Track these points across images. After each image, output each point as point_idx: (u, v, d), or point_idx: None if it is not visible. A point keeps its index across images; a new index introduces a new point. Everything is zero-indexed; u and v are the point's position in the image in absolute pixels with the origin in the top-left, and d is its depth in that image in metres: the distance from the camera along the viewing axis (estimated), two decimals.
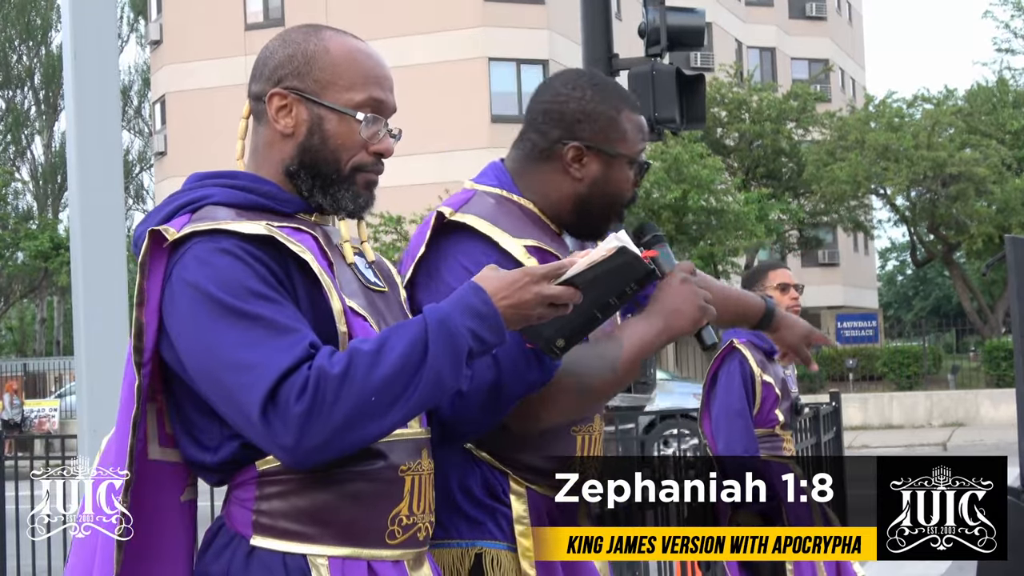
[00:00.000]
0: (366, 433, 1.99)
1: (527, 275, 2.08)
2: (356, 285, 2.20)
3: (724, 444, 5.15)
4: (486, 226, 2.60)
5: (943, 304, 58.24)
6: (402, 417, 2.01)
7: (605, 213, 2.72)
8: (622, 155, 2.69)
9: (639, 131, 2.73)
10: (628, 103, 2.73)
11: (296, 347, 1.98)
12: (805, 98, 33.31)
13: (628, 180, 2.71)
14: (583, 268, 2.10)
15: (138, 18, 49.57)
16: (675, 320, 2.57)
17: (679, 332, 2.58)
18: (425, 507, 2.19)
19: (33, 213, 46.64)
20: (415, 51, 30.91)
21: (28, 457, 10.49)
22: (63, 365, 33.67)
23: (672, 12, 9.26)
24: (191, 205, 2.14)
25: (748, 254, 30.29)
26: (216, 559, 2.10)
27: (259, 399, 1.95)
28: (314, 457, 1.99)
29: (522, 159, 2.73)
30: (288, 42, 2.22)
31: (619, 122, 2.69)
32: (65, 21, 4.82)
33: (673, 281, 2.60)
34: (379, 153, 2.20)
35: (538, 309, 2.08)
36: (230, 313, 1.99)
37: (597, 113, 2.68)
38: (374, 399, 1.97)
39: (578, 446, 2.75)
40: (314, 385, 1.95)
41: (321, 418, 1.95)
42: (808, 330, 3.31)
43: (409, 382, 1.98)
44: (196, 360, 2.02)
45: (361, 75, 2.19)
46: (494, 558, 2.63)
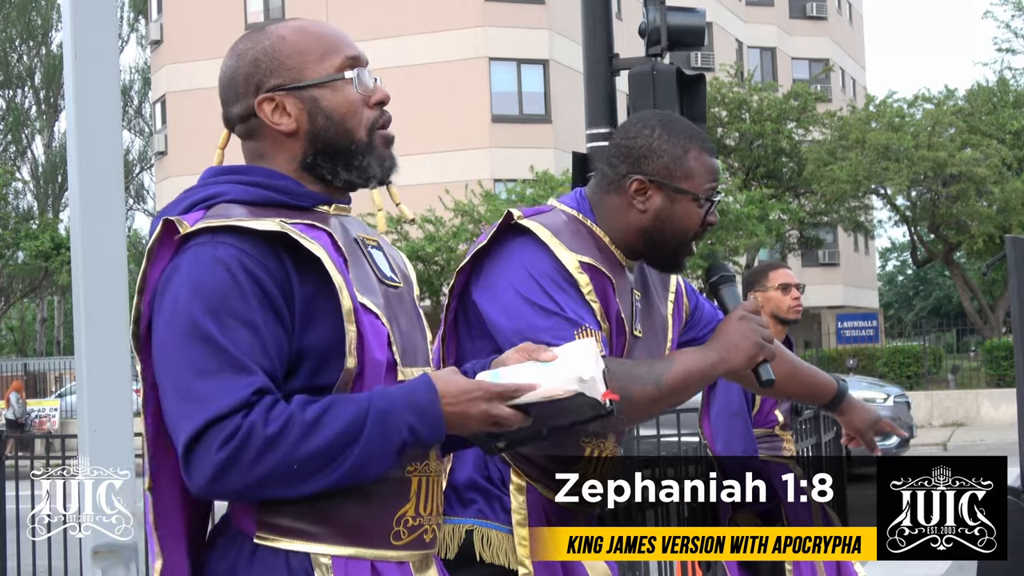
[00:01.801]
0: (282, 493, 2.00)
1: (481, 389, 2.05)
2: (372, 281, 2.19)
3: (723, 444, 5.15)
4: (547, 235, 2.72)
5: (943, 304, 58.24)
6: (322, 488, 2.01)
7: (673, 246, 2.82)
8: (685, 192, 2.78)
9: (707, 171, 2.82)
10: (697, 143, 2.82)
11: (242, 390, 1.98)
12: (805, 98, 33.30)
13: (694, 216, 2.80)
14: (538, 399, 2.06)
15: (138, 18, 49.58)
16: (731, 354, 2.67)
17: (734, 366, 2.68)
18: (432, 509, 2.18)
19: (33, 213, 46.65)
20: (415, 51, 30.91)
21: (28, 457, 10.49)
22: (63, 365, 33.69)
23: (672, 12, 9.26)
24: (206, 202, 2.13)
25: (748, 254, 30.29)
26: (220, 557, 2.10)
27: (187, 435, 1.97)
28: (224, 499, 2.03)
29: (596, 189, 2.87)
30: (242, 53, 2.21)
31: (684, 160, 2.79)
32: (65, 21, 4.81)
33: (734, 317, 2.70)
34: (380, 102, 2.20)
35: (480, 425, 2.07)
36: (196, 333, 1.99)
37: (663, 150, 2.79)
38: (296, 467, 1.98)
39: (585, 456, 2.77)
40: (241, 438, 1.95)
41: (238, 471, 1.96)
42: (877, 418, 3.40)
43: (333, 460, 1.99)
44: (159, 363, 2.05)
45: (325, 43, 2.19)
46: (484, 536, 2.66)
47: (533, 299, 2.65)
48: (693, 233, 2.81)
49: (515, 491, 2.69)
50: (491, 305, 2.69)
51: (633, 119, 2.89)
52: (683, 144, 2.79)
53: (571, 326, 2.61)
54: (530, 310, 2.63)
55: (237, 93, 2.20)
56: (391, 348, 2.13)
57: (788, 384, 3.18)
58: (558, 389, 2.06)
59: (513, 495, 2.68)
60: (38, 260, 34.65)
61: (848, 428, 3.40)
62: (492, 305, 2.69)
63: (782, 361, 3.10)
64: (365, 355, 2.09)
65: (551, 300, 2.65)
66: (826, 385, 3.32)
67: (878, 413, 3.40)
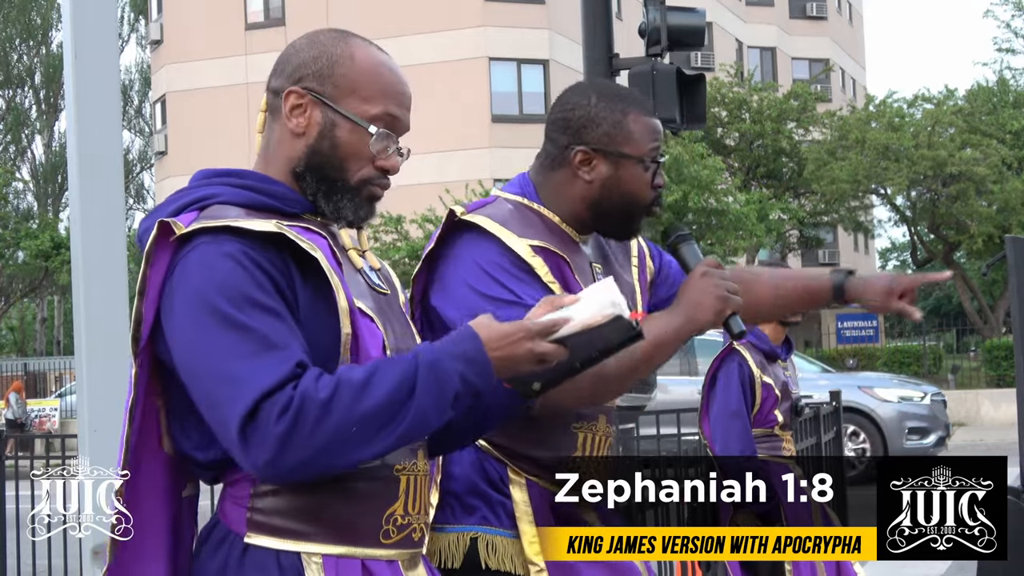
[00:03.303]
0: (342, 461, 1.99)
1: (523, 330, 2.08)
2: (364, 287, 2.20)
3: (721, 445, 5.16)
4: (494, 225, 2.68)
5: (943, 304, 58.23)
6: (381, 450, 2.00)
7: (622, 213, 2.79)
8: (629, 156, 2.75)
9: (648, 132, 2.79)
10: (636, 106, 2.79)
11: (284, 365, 1.98)
12: (805, 98, 33.31)
13: (641, 180, 2.77)
14: (577, 329, 2.11)
15: (138, 18, 49.57)
16: (698, 313, 2.64)
17: (703, 324, 2.65)
18: (420, 508, 2.19)
19: (33, 213, 46.65)
20: (415, 51, 30.89)
21: (28, 457, 10.49)
22: (63, 365, 33.67)
23: (672, 12, 9.26)
24: (199, 203, 2.13)
25: (748, 254, 30.28)
26: (211, 557, 2.10)
27: (240, 415, 1.95)
28: (287, 477, 2.00)
29: (540, 169, 2.83)
30: (315, 43, 2.21)
31: (624, 124, 2.76)
32: (65, 21, 4.82)
33: (696, 275, 2.67)
34: (385, 169, 2.20)
35: (527, 365, 2.09)
36: (224, 321, 1.99)
37: (601, 118, 2.76)
38: (355, 430, 1.97)
39: (579, 444, 2.76)
40: (297, 407, 1.94)
41: (300, 441, 1.95)
42: (887, 285, 2.94)
43: (393, 418, 1.98)
44: (187, 362, 2.02)
45: (381, 89, 2.19)
46: (489, 543, 2.65)
47: (489, 293, 2.63)
48: (643, 198, 2.77)
49: (516, 489, 2.68)
50: (448, 306, 2.67)
51: (568, 91, 2.85)
52: (621, 108, 2.76)
53: None
54: (487, 304, 2.59)
55: (284, 70, 2.21)
56: (386, 351, 2.15)
57: (778, 303, 3.03)
58: (596, 315, 2.12)
59: (514, 493, 2.68)
60: (38, 260, 34.66)
61: (870, 308, 3.00)
62: (449, 305, 2.67)
63: (763, 284, 2.98)
64: (360, 356, 2.10)
65: (507, 290, 2.63)
66: (819, 284, 3.02)
67: (889, 278, 2.94)
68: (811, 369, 16.67)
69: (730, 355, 5.30)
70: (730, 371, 5.25)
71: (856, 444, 15.32)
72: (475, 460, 2.69)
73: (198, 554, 2.13)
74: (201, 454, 2.11)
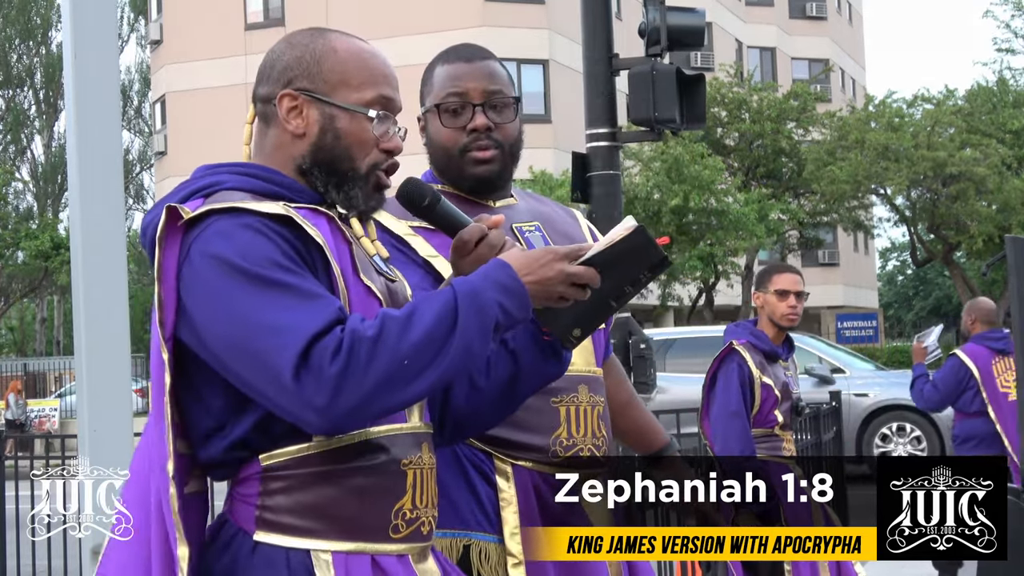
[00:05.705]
0: (398, 398, 1.99)
1: (550, 252, 2.11)
2: (372, 271, 2.22)
3: (721, 445, 5.16)
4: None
5: (943, 304, 58.23)
6: (432, 384, 2.00)
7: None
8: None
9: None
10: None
11: (326, 310, 1.98)
12: (805, 98, 33.29)
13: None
14: (603, 247, 2.14)
15: (138, 18, 49.56)
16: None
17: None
18: (428, 501, 2.20)
19: (33, 213, 46.64)
20: (415, 51, 30.82)
21: (28, 457, 10.49)
22: (63, 365, 33.65)
23: (672, 12, 9.25)
24: (204, 190, 2.14)
25: (748, 254, 30.28)
26: (220, 555, 2.10)
27: (292, 360, 1.94)
28: (345, 420, 1.98)
29: None
30: (294, 44, 2.23)
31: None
32: (65, 21, 4.82)
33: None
34: (390, 151, 2.22)
35: (561, 287, 2.11)
36: (256, 281, 1.99)
37: None
38: (407, 363, 1.97)
39: (562, 417, 2.76)
40: (348, 346, 1.95)
41: (356, 379, 1.95)
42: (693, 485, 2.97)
43: (440, 349, 1.99)
44: (220, 331, 2.00)
45: (370, 74, 2.22)
46: (482, 550, 2.65)
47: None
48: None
49: (501, 479, 2.68)
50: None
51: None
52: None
53: None
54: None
55: (270, 76, 2.23)
56: None
57: (618, 419, 3.03)
58: (619, 231, 2.15)
59: (500, 484, 2.68)
60: (38, 260, 34.64)
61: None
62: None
63: (622, 391, 3.05)
64: None
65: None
66: (654, 432, 3.11)
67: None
68: (865, 368, 16.31)
69: (729, 355, 5.30)
70: (729, 371, 5.25)
71: (916, 448, 14.62)
72: (461, 456, 2.69)
73: (205, 553, 2.12)
74: (212, 450, 2.10)
